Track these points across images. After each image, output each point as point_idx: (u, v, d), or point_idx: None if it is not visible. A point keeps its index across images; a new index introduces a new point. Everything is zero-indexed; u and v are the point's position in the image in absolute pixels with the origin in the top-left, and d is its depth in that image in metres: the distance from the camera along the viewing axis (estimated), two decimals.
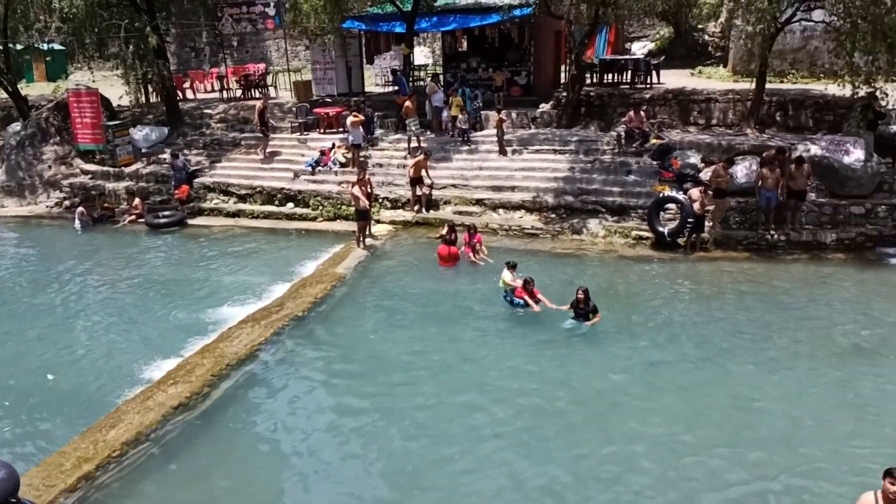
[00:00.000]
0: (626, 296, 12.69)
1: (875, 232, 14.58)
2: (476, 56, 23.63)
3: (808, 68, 20.40)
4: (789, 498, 7.27)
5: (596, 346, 10.81)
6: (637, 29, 31.06)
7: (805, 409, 8.86)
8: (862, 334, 10.82)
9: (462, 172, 18.48)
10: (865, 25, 14.50)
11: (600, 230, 15.92)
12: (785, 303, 12.09)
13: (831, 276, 13.21)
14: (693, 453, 8.08)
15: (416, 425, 8.82)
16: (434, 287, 13.50)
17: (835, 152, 15.23)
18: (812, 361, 10.08)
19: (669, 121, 19.23)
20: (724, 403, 9.11)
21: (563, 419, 8.89)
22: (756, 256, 14.33)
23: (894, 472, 5.93)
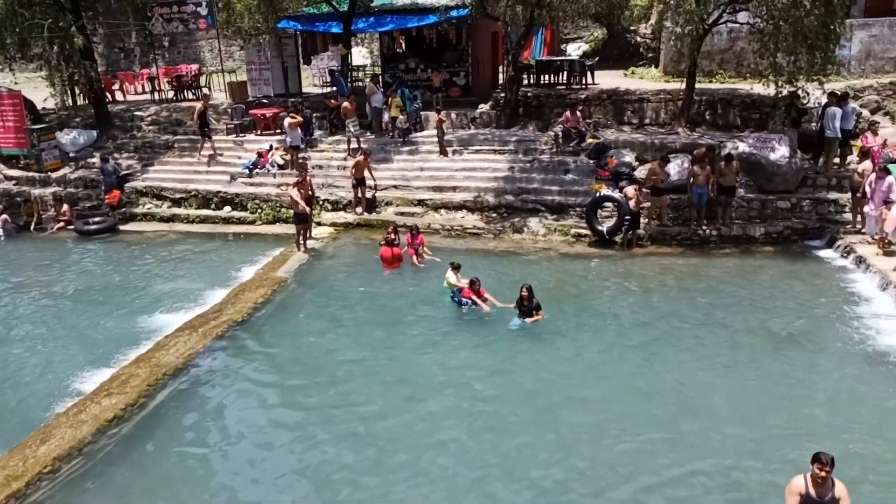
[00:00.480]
0: (568, 292, 12.88)
1: (800, 225, 15.22)
2: (414, 57, 23.62)
3: (735, 68, 21.13)
4: (725, 480, 7.50)
5: (540, 342, 10.94)
6: (572, 30, 31.62)
7: (740, 397, 9.18)
8: (792, 324, 11.26)
9: (403, 173, 18.45)
10: (787, 27, 15.13)
11: (541, 229, 16.14)
12: (719, 295, 12.50)
13: (761, 269, 13.72)
14: (632, 440, 8.28)
15: (359, 432, 8.72)
16: (377, 289, 13.43)
17: (761, 149, 15.84)
18: (745, 351, 10.44)
19: (604, 120, 19.65)
20: (663, 393, 9.35)
21: (508, 415, 8.97)
22: (690, 251, 14.78)
23: (821, 456, 6.21)
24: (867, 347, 10.30)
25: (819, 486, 6.24)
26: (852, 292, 12.33)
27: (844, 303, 11.91)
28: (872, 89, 19.61)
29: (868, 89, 19.58)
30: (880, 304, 11.73)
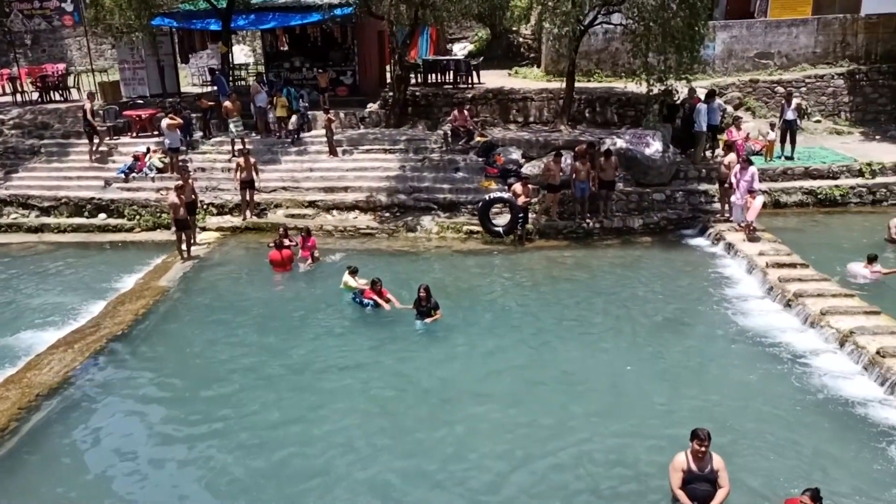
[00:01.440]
0: (463, 289, 13.07)
1: (675, 216, 16.17)
2: (299, 55, 23.17)
3: (611, 68, 22.16)
4: (614, 460, 7.83)
5: (437, 340, 11.04)
6: (457, 30, 32.05)
7: (624, 381, 9.63)
8: (669, 308, 11.94)
9: (292, 174, 18.07)
10: (656, 28, 16.04)
11: (434, 227, 16.27)
12: (604, 285, 13.06)
13: (641, 258, 14.46)
14: (525, 429, 8.50)
15: (255, 442, 8.47)
16: (269, 294, 13.09)
17: (637, 145, 16.70)
18: (627, 337, 10.97)
19: (491, 119, 20.08)
20: (553, 381, 9.66)
21: (405, 415, 8.99)
22: (575, 244, 15.36)
23: (699, 432, 6.63)
24: (737, 327, 11.08)
25: (699, 460, 6.67)
26: (723, 277, 13.23)
27: (716, 287, 12.75)
28: (735, 86, 21.18)
29: (731, 86, 21.13)
30: (747, 286, 12.65)
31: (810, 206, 16.79)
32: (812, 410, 8.70)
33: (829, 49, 21.58)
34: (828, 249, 14.12)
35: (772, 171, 17.34)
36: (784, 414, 8.65)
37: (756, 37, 21.89)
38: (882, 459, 7.67)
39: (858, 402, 8.76)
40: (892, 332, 9.89)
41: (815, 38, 21.59)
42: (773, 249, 13.44)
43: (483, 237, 15.68)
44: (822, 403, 8.82)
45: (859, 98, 20.99)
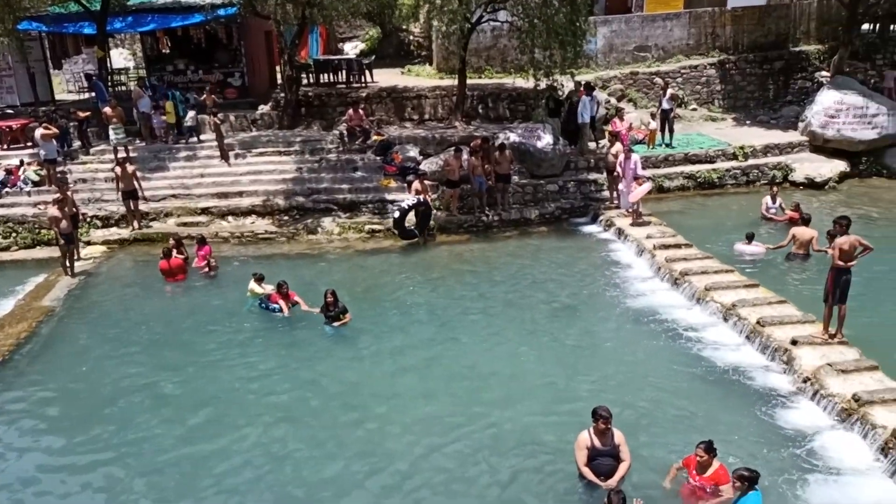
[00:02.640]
0: (369, 289, 13.02)
1: (568, 205, 16.75)
2: (183, 58, 22.28)
3: (500, 64, 22.66)
4: (524, 443, 8.05)
5: (346, 342, 10.96)
6: (347, 29, 31.80)
7: (528, 367, 9.91)
8: (567, 294, 12.38)
9: (182, 181, 17.40)
10: (541, 25, 16.56)
11: (335, 228, 16.11)
12: (504, 275, 13.37)
13: (538, 248, 14.90)
14: (436, 420, 8.60)
15: (156, 464, 8.12)
16: (163, 307, 12.56)
17: (529, 138, 17.19)
18: (529, 324, 11.27)
19: (387, 117, 20.08)
20: (461, 373, 9.81)
21: (313, 420, 8.88)
22: (476, 237, 15.63)
23: (600, 411, 6.94)
24: (630, 307, 11.63)
25: (602, 437, 6.98)
26: (615, 260, 13.85)
27: (609, 270, 13.34)
28: (617, 79, 22.14)
29: (613, 79, 22.08)
30: (638, 268, 13.31)
31: (691, 189, 17.85)
32: (702, 380, 9.27)
33: (701, 41, 22.95)
34: (709, 229, 15.07)
35: (655, 158, 18.28)
36: (677, 386, 9.17)
37: (634, 31, 22.98)
38: (766, 420, 8.27)
39: (743, 369, 9.40)
40: (770, 303, 10.66)
41: (687, 31, 22.91)
42: (659, 232, 14.18)
43: (386, 235, 15.68)
44: (711, 373, 9.41)
45: (730, 86, 22.46)
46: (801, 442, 7.78)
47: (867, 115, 18.16)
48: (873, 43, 22.39)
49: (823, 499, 6.89)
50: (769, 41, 22.90)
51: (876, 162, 18.31)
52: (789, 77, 22.55)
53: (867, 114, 18.16)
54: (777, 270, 12.77)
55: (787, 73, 22.57)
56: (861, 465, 7.30)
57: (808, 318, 9.95)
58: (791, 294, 11.12)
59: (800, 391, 8.67)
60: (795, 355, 9.10)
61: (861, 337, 9.52)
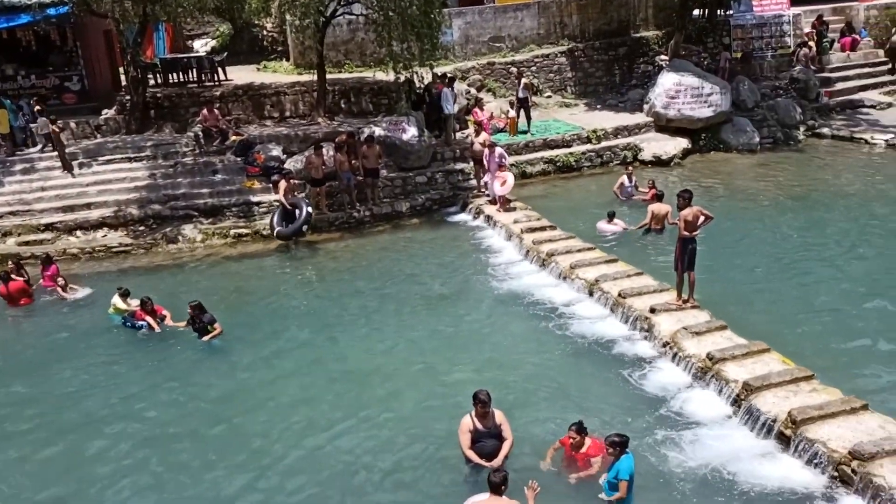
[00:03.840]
0: (241, 296, 12.57)
1: (437, 196, 16.97)
2: (11, 62, 20.32)
3: (359, 58, 22.45)
4: (409, 432, 8.08)
5: (219, 353, 10.51)
6: (195, 26, 30.27)
7: (411, 358, 9.95)
8: (442, 283, 12.55)
9: (20, 196, 15.96)
10: (396, 17, 16.55)
11: (197, 235, 15.38)
12: (380, 270, 13.34)
13: (412, 240, 14.99)
14: (319, 423, 8.46)
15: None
16: (5, 336, 11.48)
17: (394, 131, 17.21)
18: (409, 316, 11.33)
19: (245, 116, 19.37)
20: (343, 373, 9.69)
21: (190, 437, 8.47)
22: (348, 234, 15.48)
23: (479, 394, 7.10)
24: (502, 290, 11.97)
25: (483, 419, 7.14)
26: (486, 247, 14.20)
27: (481, 256, 13.67)
28: (475, 70, 22.58)
29: (472, 70, 22.49)
30: (508, 252, 13.71)
31: (551, 173, 18.60)
32: (573, 354, 9.71)
33: (551, 30, 23.88)
34: (571, 211, 15.79)
35: (516, 145, 18.87)
36: (551, 362, 9.56)
37: (488, 22, 23.53)
38: (633, 385, 8.79)
39: (609, 339, 9.93)
40: (629, 276, 11.32)
41: (537, 21, 23.75)
42: (525, 217, 14.68)
43: (254, 239, 15.20)
44: (581, 346, 9.86)
45: (580, 73, 23.54)
46: (665, 402, 8.33)
47: (703, 95, 19.66)
48: (704, 27, 24.23)
49: (688, 452, 7.42)
50: (612, 28, 24.22)
51: (713, 137, 19.86)
52: (633, 62, 23.95)
53: (703, 93, 19.66)
54: (636, 245, 13.58)
55: (631, 59, 23.97)
56: (718, 418, 7.94)
57: (664, 286, 10.66)
58: (648, 266, 11.85)
59: (660, 355, 9.28)
60: (654, 322, 9.72)
61: (710, 300, 10.34)
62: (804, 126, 20.78)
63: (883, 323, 9.90)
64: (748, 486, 6.84)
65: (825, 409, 7.23)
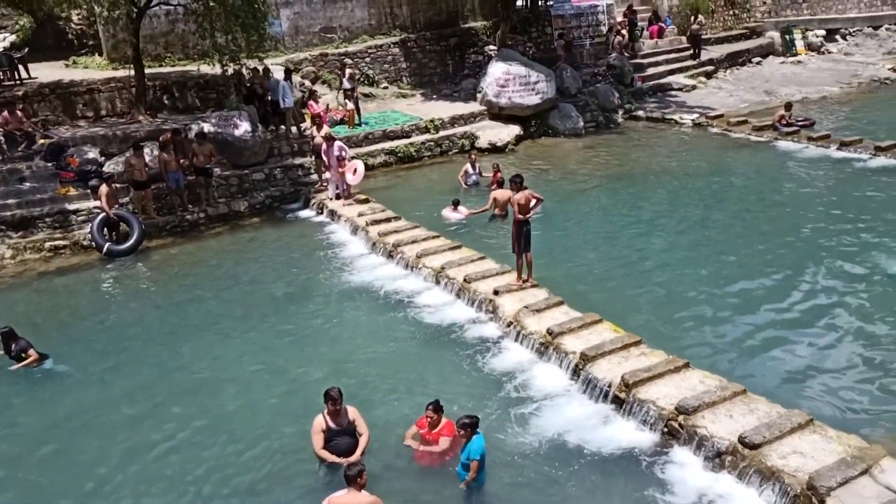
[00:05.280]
0: (62, 315, 11.48)
1: (278, 193, 16.46)
2: None
3: (182, 50, 21.18)
4: (262, 442, 7.79)
5: (41, 381, 9.52)
6: None
7: (261, 363, 9.56)
8: (289, 282, 12.21)
9: None
10: (218, 7, 15.76)
11: (6, 251, 13.87)
12: (222, 273, 12.73)
13: (254, 240, 14.44)
14: (159, 444, 7.93)
15: None
16: None
17: (225, 127, 16.43)
18: (257, 319, 10.88)
19: (54, 117, 17.67)
20: (185, 389, 9.12)
21: (15, 468, 7.63)
22: (182, 238, 14.62)
23: (330, 393, 6.98)
24: (351, 285, 11.85)
25: (335, 417, 7.03)
26: (332, 242, 13.98)
27: (327, 252, 13.43)
28: (308, 61, 22.12)
29: (304, 62, 22.01)
30: (354, 246, 13.58)
31: (393, 164, 18.68)
32: (424, 342, 9.81)
33: (382, 21, 23.89)
34: (415, 200, 15.94)
35: (356, 137, 18.72)
36: (403, 351, 9.61)
37: (318, 12, 23.09)
38: (483, 366, 9.02)
39: (458, 324, 10.14)
40: (473, 261, 11.60)
41: (368, 12, 23.67)
42: (370, 209, 14.61)
43: (74, 251, 13.97)
44: (431, 334, 9.99)
45: (414, 63, 23.79)
46: (512, 379, 8.65)
47: (530, 83, 20.57)
48: (528, 17, 25.34)
49: (535, 424, 7.75)
50: (442, 19, 24.66)
51: (542, 123, 20.87)
52: (464, 52, 24.58)
53: (530, 81, 20.56)
54: (479, 231, 13.94)
55: (462, 49, 24.58)
56: (560, 389, 8.36)
57: (505, 269, 11.04)
58: (491, 250, 12.20)
59: (505, 335, 9.61)
60: (498, 304, 10.06)
61: (548, 278, 10.87)
62: (622, 109, 22.41)
63: (700, 288, 10.90)
64: (591, 450, 7.28)
65: (653, 371, 7.83)
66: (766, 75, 26.25)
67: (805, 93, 23.59)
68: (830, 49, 29.63)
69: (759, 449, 6.52)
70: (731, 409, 7.17)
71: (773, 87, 24.31)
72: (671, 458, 7.05)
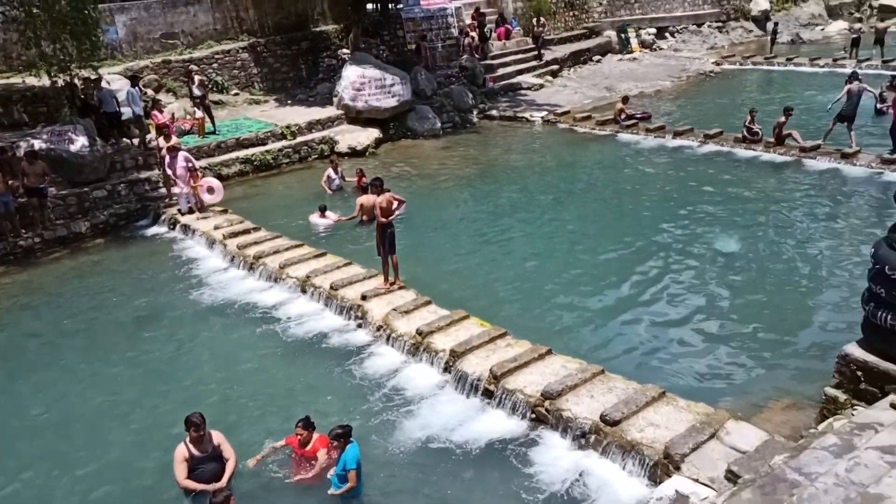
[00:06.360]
0: None
1: (123, 210, 15.39)
2: None
3: (4, 62, 19.33)
4: (123, 479, 7.29)
5: None
6: None
7: (118, 395, 8.91)
8: (142, 305, 11.43)
9: None
10: (42, 14, 14.53)
11: None
12: (67, 301, 11.73)
13: (100, 262, 13.43)
14: (15, 482, 7.22)
15: None
16: None
17: (59, 143, 15.14)
18: (111, 348, 10.10)
19: None
20: (34, 431, 8.35)
21: None
22: (16, 267, 13.32)
23: (191, 419, 6.63)
24: (212, 302, 11.28)
25: (199, 444, 6.68)
26: (187, 258, 13.26)
27: (183, 270, 12.73)
28: (149, 69, 20.90)
29: (146, 69, 20.77)
30: (212, 261, 12.97)
31: (250, 173, 18.04)
32: (293, 355, 9.55)
33: (228, 25, 23.03)
34: (277, 209, 15.50)
35: (207, 146, 17.92)
36: (271, 367, 9.30)
37: (157, 18, 21.87)
38: (355, 374, 8.91)
39: (327, 333, 9.96)
40: (339, 267, 11.46)
41: (212, 16, 22.72)
42: (226, 221, 14.03)
43: None
44: (300, 346, 9.74)
45: (265, 69, 23.12)
46: (385, 384, 8.62)
47: (386, 86, 20.60)
48: (379, 21, 25.38)
49: (410, 426, 7.77)
50: (291, 23, 24.13)
51: (401, 126, 20.97)
52: (317, 56, 24.20)
53: (386, 84, 20.59)
54: (347, 236, 13.74)
55: (315, 53, 24.19)
56: (433, 387, 8.43)
57: (372, 273, 10.99)
58: (357, 255, 12.07)
59: (376, 339, 9.57)
60: (367, 308, 10.00)
61: (414, 278, 10.96)
62: (477, 109, 22.99)
63: (558, 277, 11.40)
64: (465, 445, 7.40)
65: (518, 361, 8.10)
66: (606, 72, 27.91)
67: (641, 87, 25.32)
68: (661, 46, 32.08)
69: (619, 425, 6.91)
70: (592, 390, 7.56)
71: (612, 84, 25.89)
72: (541, 442, 7.31)
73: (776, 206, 13.83)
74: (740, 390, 8.17)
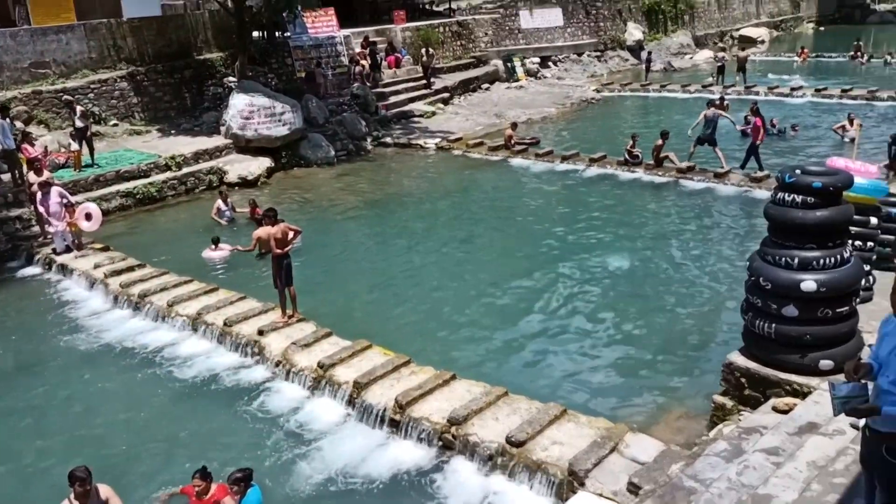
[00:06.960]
0: None
1: None
2: None
3: None
4: None
5: None
6: None
7: None
8: (12, 356, 10.53)
9: None
10: None
11: None
12: None
13: None
14: None
15: None
16: None
17: None
18: None
19: None
20: None
21: None
22: None
23: (75, 473, 6.12)
24: (94, 347, 10.54)
25: (84, 499, 6.17)
26: (66, 300, 12.36)
27: (61, 313, 11.84)
28: (18, 100, 19.55)
29: (14, 101, 19.39)
30: (94, 302, 12.14)
31: (132, 207, 17.11)
32: (186, 397, 9.08)
33: (105, 53, 21.92)
34: (165, 244, 14.76)
35: (84, 180, 16.89)
36: (161, 412, 8.77)
37: (25, 46, 20.52)
38: (254, 414, 8.57)
39: (222, 372, 9.53)
40: (232, 302, 11.04)
41: (87, 44, 21.57)
42: (108, 259, 13.23)
43: None
44: (192, 388, 9.27)
45: (146, 98, 22.14)
46: (287, 421, 8.34)
47: (276, 114, 20.22)
48: (266, 48, 24.99)
49: (315, 463, 7.54)
50: (174, 51, 23.29)
51: (294, 154, 20.60)
52: (202, 84, 23.44)
53: (276, 113, 20.21)
54: (239, 270, 13.25)
55: (199, 81, 23.42)
56: (337, 421, 8.24)
57: (268, 306, 10.66)
58: (252, 289, 11.68)
59: (275, 375, 9.26)
60: (264, 344, 9.67)
61: (313, 309, 10.71)
62: (371, 137, 22.97)
63: (459, 301, 11.49)
64: (373, 477, 7.26)
65: (423, 388, 8.06)
66: (494, 100, 28.70)
67: (529, 114, 26.18)
68: (546, 74, 33.41)
69: (525, 445, 7.00)
70: (497, 412, 7.62)
71: (501, 111, 26.63)
72: (449, 468, 7.28)
73: (659, 224, 14.63)
74: (637, 403, 8.49)
